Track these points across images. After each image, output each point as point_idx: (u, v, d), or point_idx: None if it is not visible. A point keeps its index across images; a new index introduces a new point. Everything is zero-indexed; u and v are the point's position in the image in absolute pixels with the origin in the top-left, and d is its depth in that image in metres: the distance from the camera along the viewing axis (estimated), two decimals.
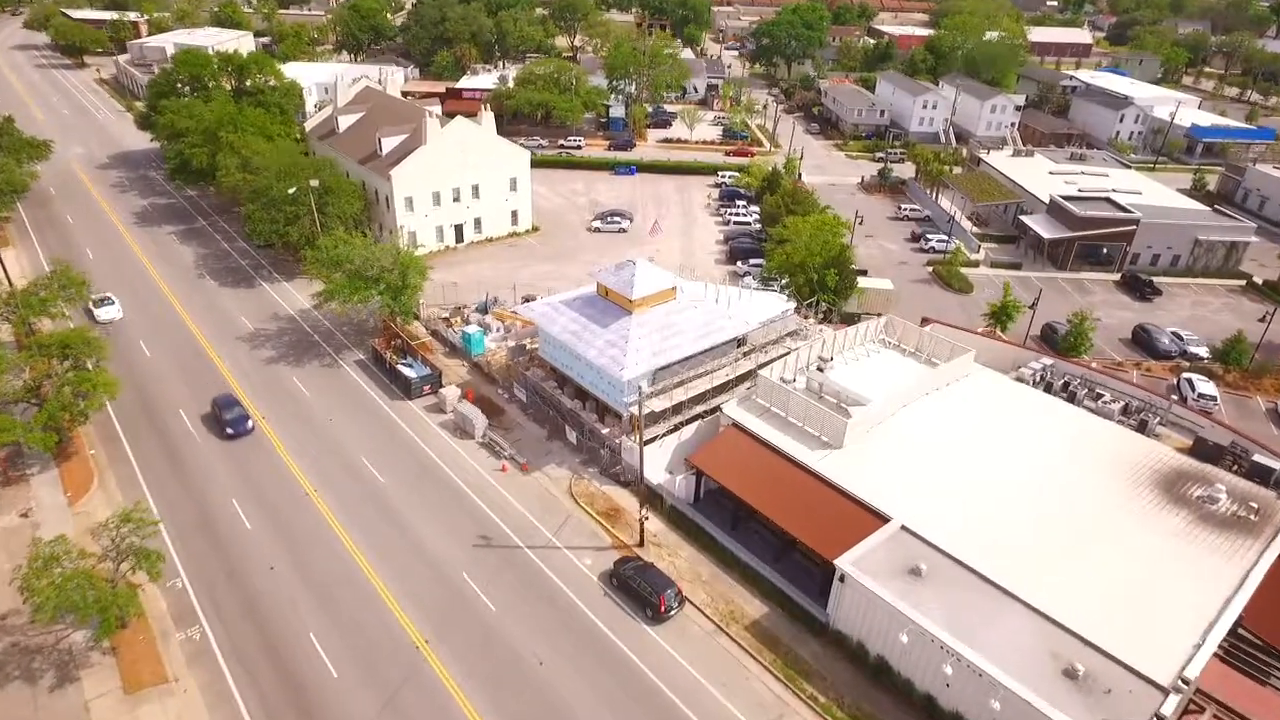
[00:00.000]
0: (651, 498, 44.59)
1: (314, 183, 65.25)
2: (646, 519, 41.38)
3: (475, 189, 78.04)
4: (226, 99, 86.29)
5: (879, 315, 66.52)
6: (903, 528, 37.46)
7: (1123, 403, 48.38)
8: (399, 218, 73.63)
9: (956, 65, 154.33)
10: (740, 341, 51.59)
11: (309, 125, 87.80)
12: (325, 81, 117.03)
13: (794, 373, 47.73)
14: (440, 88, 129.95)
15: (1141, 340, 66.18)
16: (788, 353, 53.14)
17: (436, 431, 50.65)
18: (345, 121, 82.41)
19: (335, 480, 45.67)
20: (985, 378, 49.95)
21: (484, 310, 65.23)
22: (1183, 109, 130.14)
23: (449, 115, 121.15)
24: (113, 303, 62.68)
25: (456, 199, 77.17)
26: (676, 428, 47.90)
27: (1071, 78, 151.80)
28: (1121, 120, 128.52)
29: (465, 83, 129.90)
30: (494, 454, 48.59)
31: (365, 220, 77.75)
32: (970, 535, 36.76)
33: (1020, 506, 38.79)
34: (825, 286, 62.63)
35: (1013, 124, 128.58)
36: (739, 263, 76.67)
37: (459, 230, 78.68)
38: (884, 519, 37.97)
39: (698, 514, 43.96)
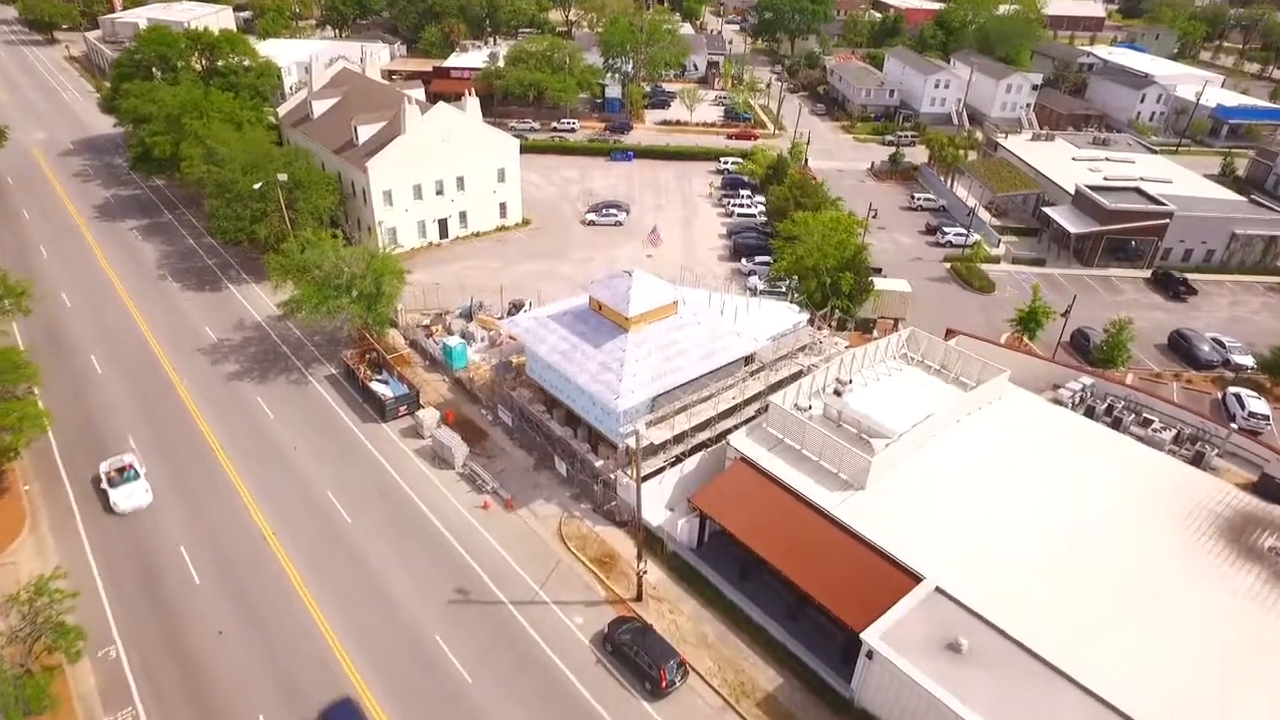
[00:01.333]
0: (650, 540, 39.92)
1: (282, 177, 59.70)
2: (644, 572, 36.69)
3: (460, 180, 72.50)
4: (193, 82, 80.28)
5: (895, 320, 61.93)
6: (937, 589, 32.83)
7: (1174, 430, 43.59)
8: (377, 213, 68.19)
9: (968, 41, 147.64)
10: (748, 359, 46.67)
11: (282, 110, 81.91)
12: (305, 60, 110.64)
13: (809, 396, 42.87)
14: (427, 66, 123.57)
15: (1179, 347, 61.24)
16: (800, 371, 48.41)
17: (412, 460, 45.82)
18: (320, 107, 76.59)
19: (298, 522, 40.87)
20: (1019, 400, 45.08)
21: (468, 316, 60.13)
22: (1206, 88, 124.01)
23: (436, 96, 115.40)
24: (136, 476, 41.34)
25: (440, 191, 71.66)
26: (678, 459, 43.12)
27: (1089, 54, 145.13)
28: (1143, 100, 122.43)
29: (453, 61, 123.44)
30: (475, 488, 43.81)
31: (342, 216, 72.40)
32: (1013, 598, 32.13)
33: (1068, 560, 34.13)
34: (839, 291, 57.53)
35: (1028, 105, 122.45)
36: (743, 260, 71.44)
37: (443, 225, 73.26)
38: (915, 578, 33.32)
39: (702, 562, 39.28)
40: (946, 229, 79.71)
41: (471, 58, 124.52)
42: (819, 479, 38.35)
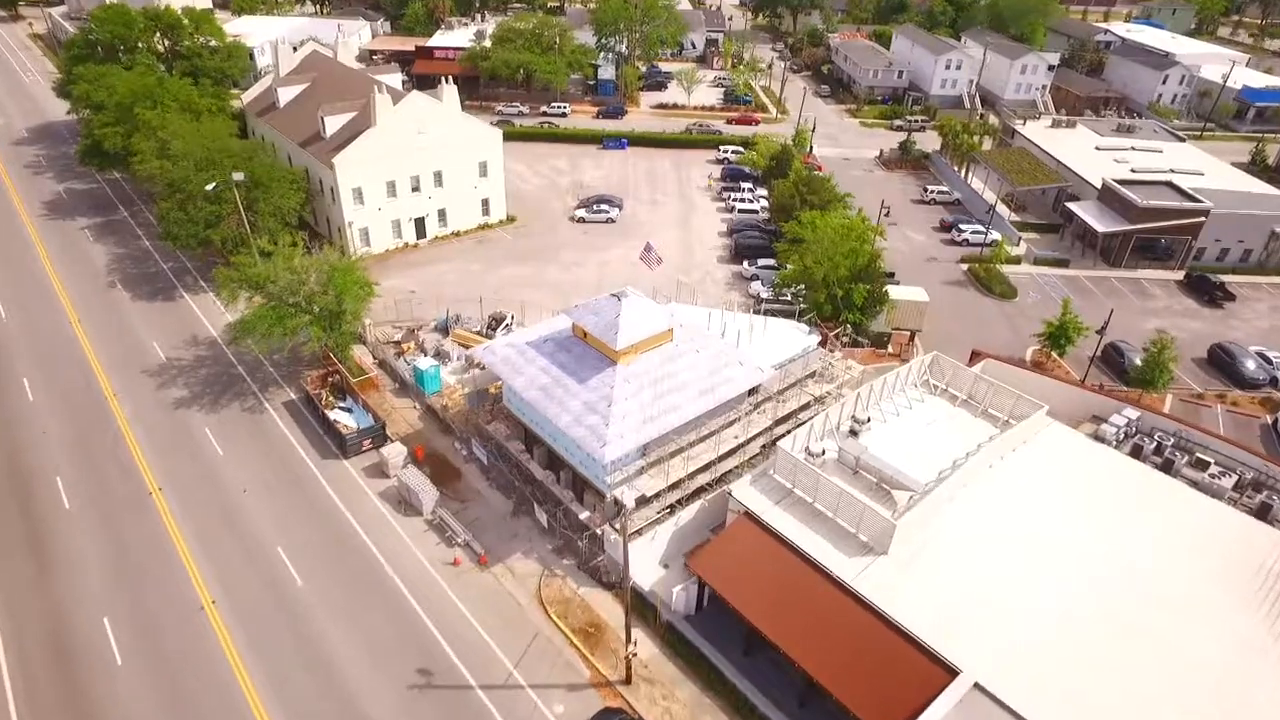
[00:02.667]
0: (642, 605, 35.11)
1: (238, 176, 53.94)
2: (634, 655, 31.87)
3: (438, 176, 66.76)
4: (149, 66, 74.13)
5: (911, 333, 56.75)
6: (976, 686, 28.03)
7: (1234, 475, 38.63)
8: (346, 213, 62.57)
9: (979, 18, 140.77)
10: (753, 389, 41.57)
11: (246, 98, 75.77)
12: (287, 36, 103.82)
13: (821, 436, 37.84)
14: (410, 45, 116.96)
15: (1221, 363, 56.17)
16: (809, 403, 43.37)
17: (376, 504, 40.81)
18: (286, 94, 70.57)
19: (241, 586, 35.92)
20: (1057, 437, 40.01)
21: (444, 330, 54.87)
22: (1224, 67, 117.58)
23: (420, 78, 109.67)
24: None
25: (416, 188, 65.96)
26: (674, 507, 38.19)
27: (1107, 32, 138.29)
28: (1164, 81, 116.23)
29: (438, 40, 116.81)
30: (445, 539, 38.83)
31: (311, 216, 66.76)
32: (1068, 698, 27.35)
33: (1131, 647, 29.27)
34: (851, 304, 52.28)
35: (1044, 86, 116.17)
36: (745, 263, 65.99)
37: (420, 224, 67.63)
38: (950, 670, 28.50)
39: (699, 635, 34.45)
40: (963, 226, 74.19)
41: (457, 36, 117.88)
42: (835, 540, 33.40)
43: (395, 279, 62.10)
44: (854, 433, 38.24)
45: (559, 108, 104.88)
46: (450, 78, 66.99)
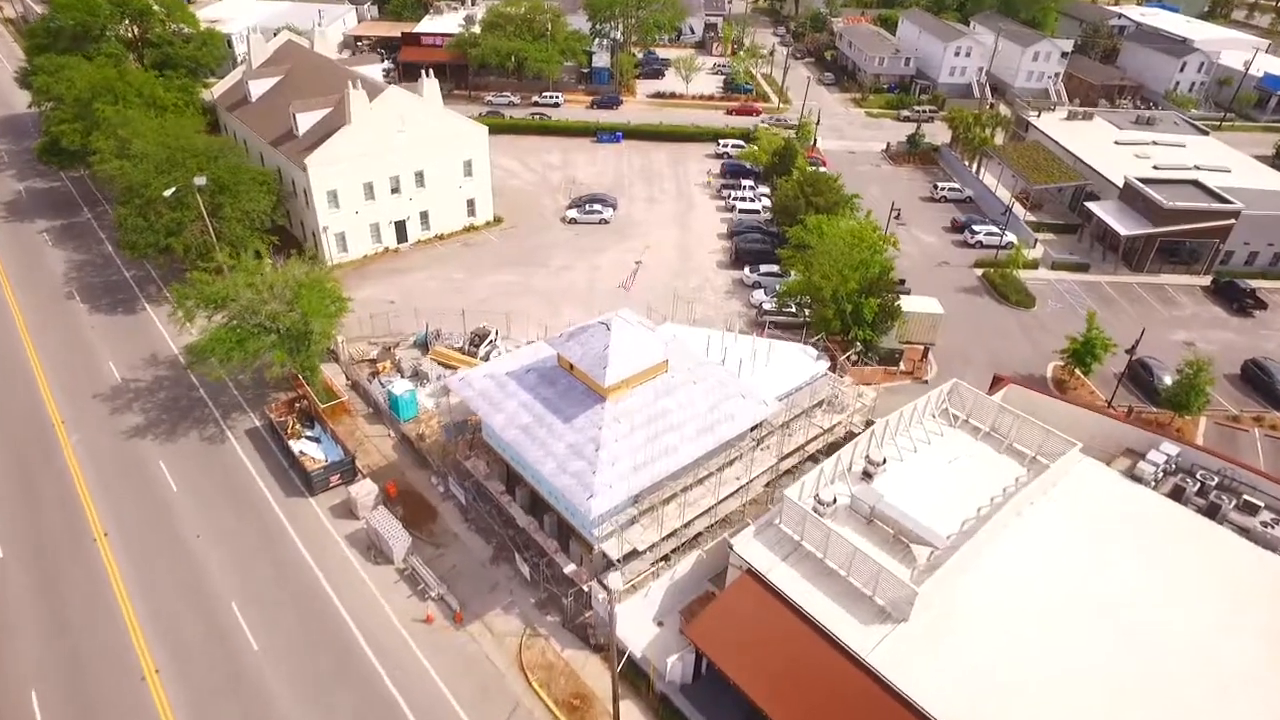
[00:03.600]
0: (634, 673, 31.64)
1: (200, 180, 49.82)
2: None
3: (419, 176, 62.64)
4: (108, 57, 69.66)
5: (925, 348, 53.05)
6: None
7: None
8: (321, 217, 58.54)
9: (989, 2, 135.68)
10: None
11: (217, 91, 71.39)
12: (262, 24, 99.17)
13: (832, 479, 34.25)
14: (396, 31, 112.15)
15: (1256, 381, 52.51)
16: (820, 434, 39.75)
17: (342, 550, 37.23)
18: (258, 88, 66.26)
19: (189, 650, 32.39)
20: (1090, 476, 36.46)
21: (423, 347, 51.12)
22: (1244, 54, 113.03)
23: (406, 65, 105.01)
24: None
25: (395, 189, 61.86)
26: (667, 556, 34.69)
27: (1120, 16, 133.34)
28: (1182, 69, 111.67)
29: (425, 26, 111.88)
30: (417, 592, 35.27)
31: (286, 219, 62.70)
32: None
33: None
34: (860, 319, 48.51)
35: (1057, 74, 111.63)
36: (747, 269, 62.04)
37: (400, 228, 63.60)
38: None
39: (696, 709, 30.97)
40: (976, 227, 70.22)
41: (446, 21, 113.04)
42: (848, 604, 29.85)
43: (373, 288, 58.26)
44: (868, 475, 34.67)
45: (551, 97, 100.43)
46: (430, 70, 62.58)
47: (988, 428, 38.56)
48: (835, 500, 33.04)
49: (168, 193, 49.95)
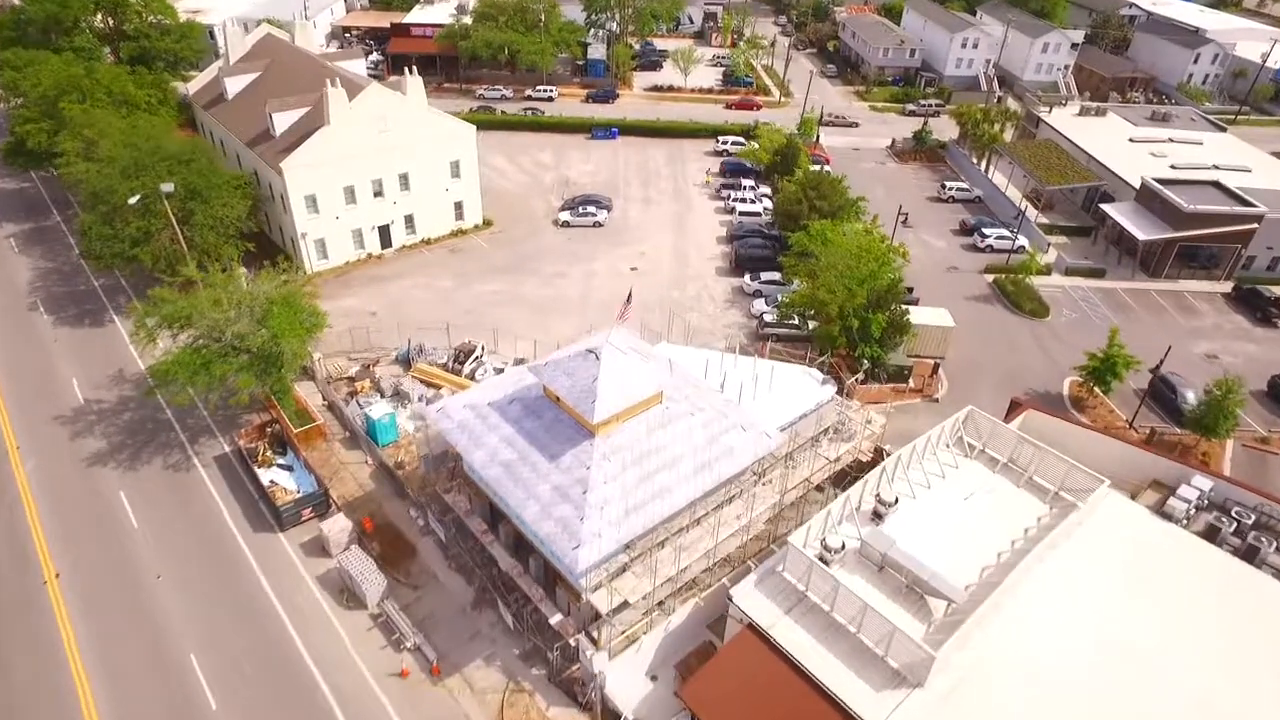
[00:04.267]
0: None
1: (167, 187, 46.86)
2: None
3: (403, 179, 59.66)
4: (87, 50, 66.55)
5: (935, 363, 50.34)
6: None
7: None
8: (299, 223, 55.63)
9: None
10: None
11: (193, 88, 68.21)
12: (245, 14, 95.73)
13: (840, 519, 31.63)
14: (385, 22, 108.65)
15: None
16: (827, 464, 37.10)
17: (313, 594, 34.64)
18: (234, 85, 63.11)
19: (142, 709, 29.82)
20: (1117, 514, 33.84)
21: (405, 363, 48.41)
22: (1261, 45, 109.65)
23: (395, 57, 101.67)
24: None
25: (378, 193, 58.89)
26: (662, 602, 32.11)
27: (1131, 5, 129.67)
28: (1196, 60, 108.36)
29: (415, 16, 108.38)
30: (392, 642, 32.68)
31: (266, 223, 59.84)
32: None
33: None
34: (868, 335, 45.76)
35: (1066, 66, 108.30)
36: (747, 276, 59.13)
37: (384, 233, 60.66)
38: None
39: None
40: (986, 230, 67.29)
41: (436, 11, 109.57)
42: (858, 664, 27.27)
43: (354, 297, 55.48)
44: (878, 515, 32.03)
45: (545, 91, 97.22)
46: (413, 68, 59.32)
47: (1006, 459, 35.90)
48: (844, 546, 30.44)
49: (132, 200, 47.03)
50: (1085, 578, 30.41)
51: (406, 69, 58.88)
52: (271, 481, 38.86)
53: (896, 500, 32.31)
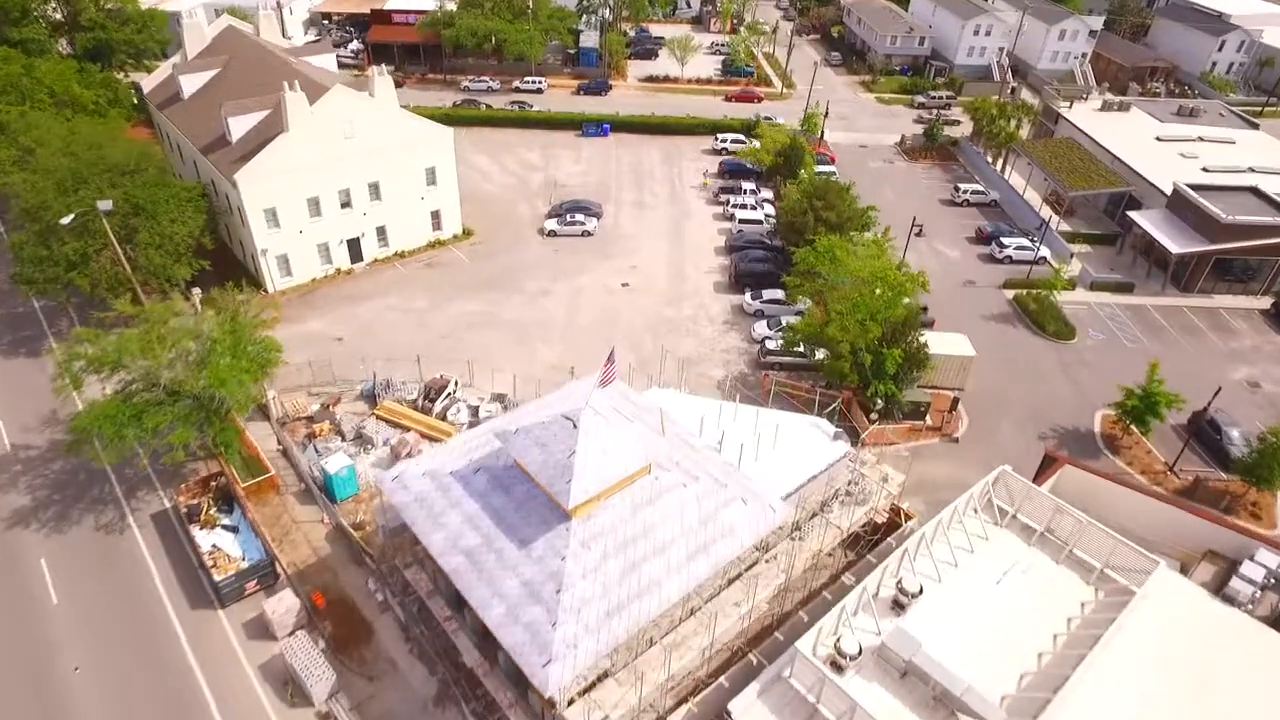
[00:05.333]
0: None
1: (104, 205, 42.03)
2: None
3: (374, 188, 54.84)
4: (15, 46, 61.23)
5: (954, 397, 45.88)
6: None
7: None
8: (258, 239, 50.88)
9: None
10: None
11: (148, 84, 63.02)
12: (212, 1, 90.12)
13: (856, 610, 27.31)
14: (365, 8, 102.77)
15: None
16: (839, 534, 32.76)
17: (254, 688, 30.38)
18: (191, 83, 57.94)
19: None
20: (1171, 597, 29.56)
21: (370, 398, 43.92)
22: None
23: (375, 46, 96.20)
24: None
25: (346, 204, 54.07)
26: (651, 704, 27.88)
27: None
28: (1221, 48, 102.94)
29: (396, 2, 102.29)
30: None
31: (227, 236, 55.11)
32: None
33: None
34: (882, 372, 41.26)
35: (1084, 54, 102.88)
36: (748, 294, 54.48)
37: (354, 246, 55.89)
38: None
39: None
40: (1005, 239, 62.55)
41: None
42: None
43: (320, 320, 50.93)
44: (899, 606, 27.72)
45: (533, 83, 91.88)
46: (384, 69, 54.14)
47: (1043, 528, 31.59)
48: (860, 651, 26.10)
49: (64, 220, 42.23)
50: (1139, 682, 26.16)
51: (376, 70, 53.60)
52: (214, 547, 34.50)
53: (921, 590, 27.99)
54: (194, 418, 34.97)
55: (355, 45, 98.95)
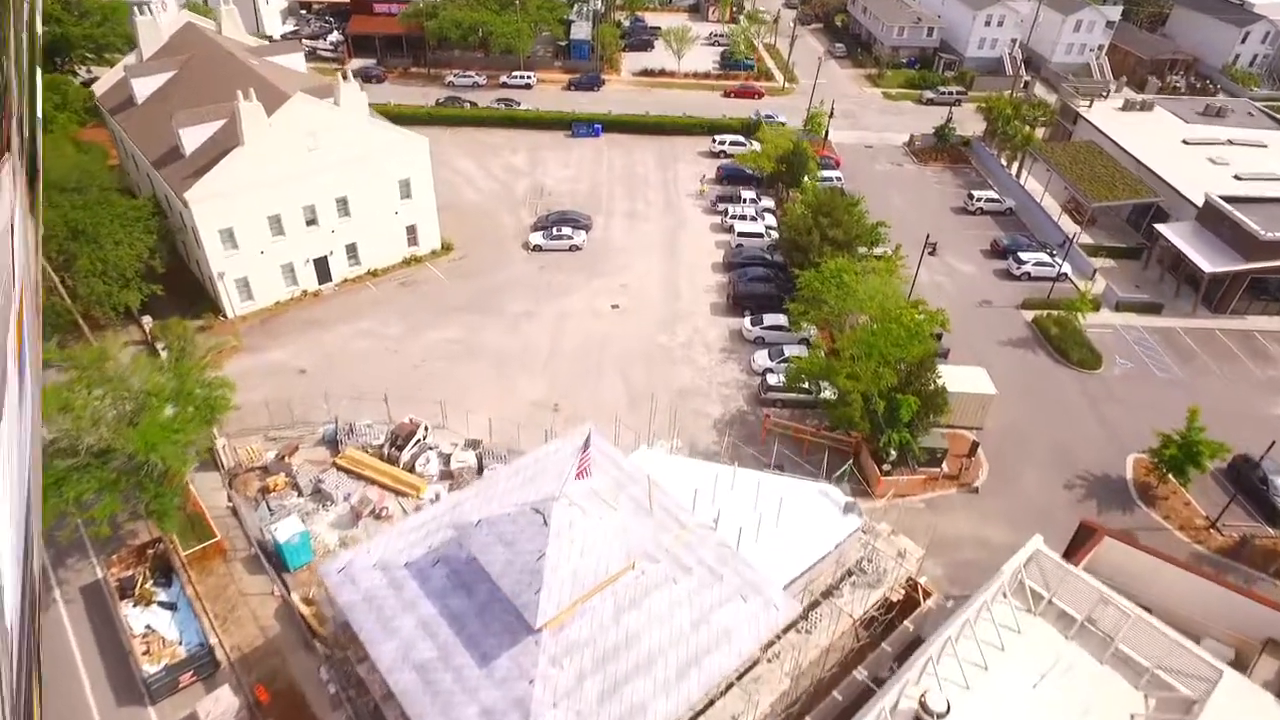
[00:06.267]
0: None
1: None
2: None
3: (342, 203, 50.58)
4: None
5: (972, 441, 41.95)
6: None
7: None
8: (214, 262, 46.67)
9: None
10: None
11: (100, 87, 58.47)
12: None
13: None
14: None
15: None
16: (852, 624, 29.00)
17: None
18: (145, 87, 53.43)
19: None
20: (1231, 702, 25.86)
21: (332, 443, 39.97)
22: None
23: (356, 38, 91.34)
24: None
25: (312, 221, 49.83)
26: None
27: None
28: (1244, 40, 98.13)
29: None
30: None
31: (184, 256, 50.90)
32: None
33: None
34: (896, 419, 37.29)
35: (1100, 46, 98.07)
36: (748, 318, 50.36)
37: (321, 266, 51.69)
38: None
39: None
40: (1023, 254, 58.35)
41: None
42: None
43: (282, 349, 46.87)
44: None
45: (522, 77, 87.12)
46: (346, 76, 49.66)
47: (1083, 618, 27.78)
48: None
49: None
50: None
51: (341, 76, 49.14)
52: (148, 628, 30.73)
53: (948, 709, 24.19)
54: (123, 484, 30.99)
55: (335, 36, 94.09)
